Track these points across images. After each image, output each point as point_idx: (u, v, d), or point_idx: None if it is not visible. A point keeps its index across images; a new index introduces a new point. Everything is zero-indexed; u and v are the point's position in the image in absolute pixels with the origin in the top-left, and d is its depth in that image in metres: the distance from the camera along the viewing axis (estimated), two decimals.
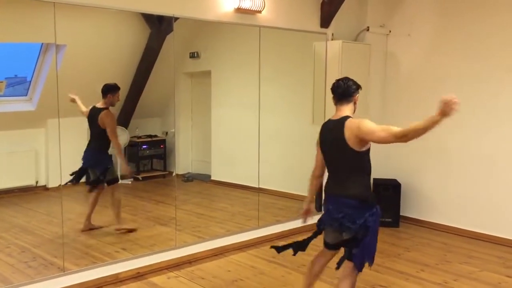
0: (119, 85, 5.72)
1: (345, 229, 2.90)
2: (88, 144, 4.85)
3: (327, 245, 3.15)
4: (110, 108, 4.79)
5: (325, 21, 5.27)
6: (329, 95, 5.30)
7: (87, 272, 3.77)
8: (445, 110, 2.65)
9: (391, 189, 5.54)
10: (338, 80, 3.11)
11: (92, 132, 4.86)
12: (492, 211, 5.03)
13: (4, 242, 4.46)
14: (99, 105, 4.77)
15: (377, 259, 4.43)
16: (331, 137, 3.00)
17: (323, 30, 5.31)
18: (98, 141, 4.78)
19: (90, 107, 4.85)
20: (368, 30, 5.55)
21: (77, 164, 5.83)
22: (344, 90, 3.07)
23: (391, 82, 5.78)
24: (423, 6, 5.49)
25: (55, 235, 4.49)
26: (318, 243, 3.19)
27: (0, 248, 4.32)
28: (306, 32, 5.20)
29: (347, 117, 2.98)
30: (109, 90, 4.79)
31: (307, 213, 3.33)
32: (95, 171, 4.84)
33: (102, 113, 4.67)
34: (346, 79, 3.10)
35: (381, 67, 5.77)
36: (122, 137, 6.08)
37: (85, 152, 4.78)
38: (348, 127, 2.90)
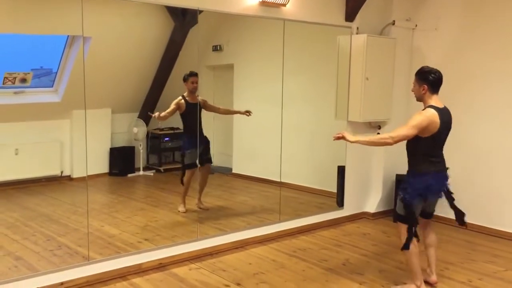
0: (143, 77, 5.78)
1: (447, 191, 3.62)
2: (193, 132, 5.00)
3: (427, 215, 3.71)
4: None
5: (350, 15, 5.21)
6: (354, 89, 5.28)
7: (111, 262, 3.83)
8: None
9: None
10: (437, 71, 3.47)
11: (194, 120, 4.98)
12: None
13: (30, 230, 4.56)
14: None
15: (400, 256, 4.41)
16: (448, 121, 3.45)
17: (348, 24, 5.25)
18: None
19: (180, 99, 5.01)
20: (393, 24, 5.46)
21: (102, 155, 5.94)
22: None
23: None
24: (451, 0, 5.38)
25: (79, 225, 4.58)
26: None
27: (26, 236, 4.41)
28: (331, 25, 5.15)
29: (446, 107, 3.49)
30: (183, 79, 5.11)
31: (342, 135, 3.46)
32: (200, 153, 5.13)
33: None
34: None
35: (407, 62, 5.68)
36: (141, 129, 6.16)
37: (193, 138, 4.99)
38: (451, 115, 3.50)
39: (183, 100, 5.02)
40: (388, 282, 3.82)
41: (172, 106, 4.99)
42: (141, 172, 6.24)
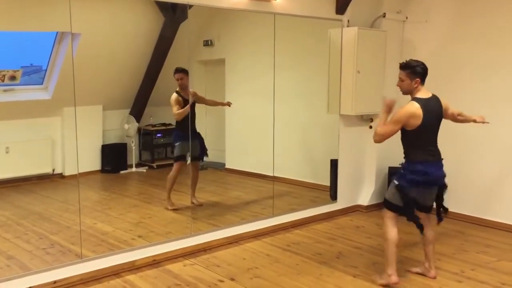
0: (133, 73, 5.75)
1: (443, 185, 3.64)
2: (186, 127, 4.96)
3: (426, 208, 3.67)
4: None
5: (341, 8, 5.20)
6: (345, 82, 5.27)
7: (104, 259, 3.81)
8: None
9: None
10: (422, 62, 3.47)
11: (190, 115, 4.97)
12: (509, 199, 4.97)
13: (22, 229, 4.53)
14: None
15: None
16: (435, 111, 3.48)
17: (339, 16, 5.24)
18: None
19: (177, 96, 5.00)
20: (384, 16, 5.46)
21: (93, 152, 5.91)
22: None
23: None
24: None
25: (72, 222, 4.55)
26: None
27: (18, 234, 4.39)
28: (322, 19, 5.13)
29: (435, 95, 3.52)
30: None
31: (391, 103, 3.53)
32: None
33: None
34: None
35: (397, 54, 5.68)
36: (132, 125, 6.13)
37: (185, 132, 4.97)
38: (442, 103, 3.54)
39: (180, 98, 4.99)
40: (382, 275, 3.83)
41: (176, 105, 4.97)
42: (134, 169, 6.22)
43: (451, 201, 5.43)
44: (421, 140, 3.46)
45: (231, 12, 4.69)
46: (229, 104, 5.33)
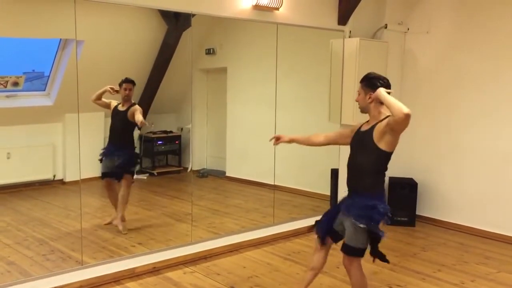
0: (136, 81, 5.77)
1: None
2: (111, 139, 4.93)
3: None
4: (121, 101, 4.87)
5: (343, 19, 5.24)
6: (347, 92, 5.30)
7: (104, 266, 3.81)
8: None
9: (407, 188, 5.50)
10: (385, 78, 3.13)
11: (114, 127, 4.90)
12: (509, 211, 4.97)
13: (23, 234, 4.52)
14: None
15: (392, 258, 4.42)
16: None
17: (341, 27, 5.28)
18: None
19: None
20: (386, 27, 5.50)
21: (95, 159, 5.90)
22: None
23: (409, 80, 5.73)
24: (442, 3, 5.43)
25: (72, 229, 4.55)
26: None
27: (18, 240, 4.38)
28: (324, 29, 5.17)
29: None
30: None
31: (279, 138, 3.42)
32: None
33: None
34: None
35: (399, 65, 5.72)
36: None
37: (111, 146, 4.88)
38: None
39: (115, 104, 4.81)
40: (382, 284, 3.83)
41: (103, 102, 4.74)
42: (135, 176, 6.21)
43: (451, 212, 5.46)
44: (386, 168, 3.01)
45: (233, 20, 4.72)
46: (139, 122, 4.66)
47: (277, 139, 3.49)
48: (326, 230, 3.14)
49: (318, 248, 3.21)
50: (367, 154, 2.94)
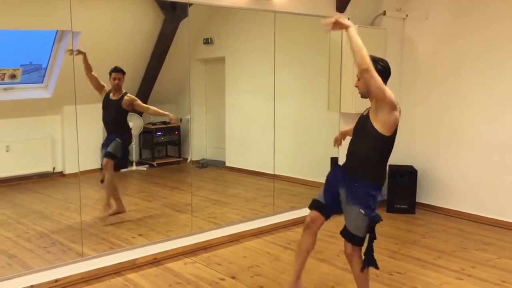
0: (133, 72, 5.73)
1: None
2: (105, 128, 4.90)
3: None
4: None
5: (341, 6, 5.19)
6: (346, 80, 5.27)
7: (105, 258, 3.82)
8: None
9: (407, 176, 5.49)
10: (385, 60, 3.02)
11: (106, 116, 4.85)
12: (508, 197, 4.97)
13: (23, 227, 4.53)
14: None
15: (393, 245, 4.45)
16: None
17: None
18: None
19: (106, 87, 4.84)
20: (384, 14, 5.46)
21: (94, 151, 5.90)
22: None
23: (408, 66, 5.70)
24: None
25: (72, 221, 4.55)
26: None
27: (19, 233, 4.39)
28: (322, 17, 5.09)
29: None
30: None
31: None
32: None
33: None
34: None
35: (398, 51, 5.68)
36: (136, 123, 6.11)
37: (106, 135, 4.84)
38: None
39: (107, 91, 4.74)
40: (382, 272, 3.84)
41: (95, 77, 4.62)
42: (134, 167, 6.21)
43: (451, 199, 5.47)
44: (389, 154, 2.98)
45: (231, 10, 4.69)
46: (170, 117, 4.87)
47: (339, 143, 3.55)
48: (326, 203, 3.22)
49: (309, 225, 3.26)
50: (365, 135, 2.94)
